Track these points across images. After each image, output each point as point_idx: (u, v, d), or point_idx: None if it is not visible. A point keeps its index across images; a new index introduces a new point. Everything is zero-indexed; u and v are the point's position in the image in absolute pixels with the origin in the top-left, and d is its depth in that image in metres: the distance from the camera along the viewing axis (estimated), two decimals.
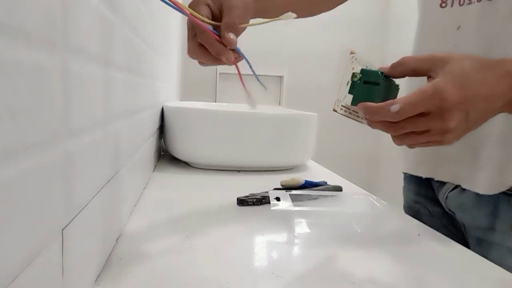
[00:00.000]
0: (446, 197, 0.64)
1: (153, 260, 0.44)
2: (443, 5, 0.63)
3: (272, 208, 0.54)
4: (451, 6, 0.62)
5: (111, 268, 0.41)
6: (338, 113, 0.51)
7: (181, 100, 2.10)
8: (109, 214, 0.44)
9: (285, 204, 0.60)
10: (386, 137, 0.48)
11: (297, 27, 2.97)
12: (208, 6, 0.51)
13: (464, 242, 0.61)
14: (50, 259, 0.26)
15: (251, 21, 0.54)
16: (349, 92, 0.47)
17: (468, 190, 0.60)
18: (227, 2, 0.51)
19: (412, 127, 0.44)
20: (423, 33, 0.68)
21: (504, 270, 0.46)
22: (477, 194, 0.58)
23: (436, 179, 0.65)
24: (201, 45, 0.49)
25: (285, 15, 0.50)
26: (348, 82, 0.47)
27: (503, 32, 0.54)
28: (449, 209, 0.63)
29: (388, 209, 0.57)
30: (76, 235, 0.32)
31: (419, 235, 0.57)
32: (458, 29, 0.61)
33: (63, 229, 0.28)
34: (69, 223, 0.30)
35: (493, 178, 0.56)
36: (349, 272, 0.43)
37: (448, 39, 0.62)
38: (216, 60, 0.50)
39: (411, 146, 0.47)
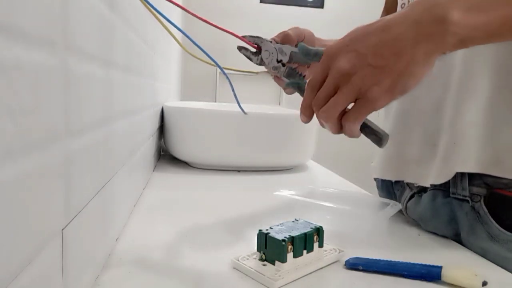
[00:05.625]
0: (406, 207, 0.63)
1: (153, 260, 0.44)
2: (403, 6, 0.64)
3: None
4: (408, 3, 0.62)
5: (111, 268, 0.41)
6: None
7: (181, 100, 2.10)
8: (109, 214, 0.44)
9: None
10: None
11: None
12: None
13: None
14: (50, 259, 0.26)
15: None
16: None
17: (423, 200, 0.59)
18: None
19: (321, 92, 0.42)
20: None
21: (504, 270, 0.46)
22: (432, 203, 0.57)
23: (405, 180, 0.64)
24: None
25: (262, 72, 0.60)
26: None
27: None
28: (413, 219, 0.62)
29: (388, 209, 0.57)
30: (76, 235, 0.32)
31: (419, 235, 0.57)
32: None
33: (63, 229, 0.28)
34: (69, 223, 0.30)
35: (440, 167, 0.54)
36: (348, 271, 0.43)
37: None
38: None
39: (334, 115, 0.42)
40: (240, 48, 0.57)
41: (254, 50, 0.55)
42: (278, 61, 0.53)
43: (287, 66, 0.52)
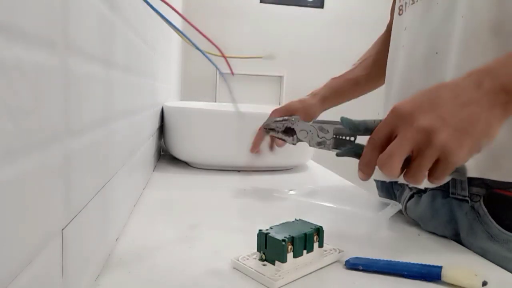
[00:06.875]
0: (406, 208, 0.63)
1: (153, 260, 0.44)
2: (400, 12, 0.65)
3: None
4: (405, 10, 0.64)
5: (111, 268, 0.41)
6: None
7: (181, 100, 2.10)
8: (109, 214, 0.44)
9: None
10: None
11: (297, 27, 2.97)
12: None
13: None
14: (50, 259, 0.26)
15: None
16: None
17: (423, 200, 0.59)
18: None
19: (395, 149, 0.42)
20: (391, 41, 0.69)
21: (504, 270, 0.46)
22: (431, 203, 0.57)
23: (399, 182, 0.64)
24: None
25: (267, 55, 0.60)
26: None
27: (443, 26, 0.54)
28: (413, 219, 0.62)
29: (388, 209, 0.57)
30: (76, 235, 0.32)
31: (419, 235, 0.57)
32: (405, 29, 0.62)
33: (63, 229, 0.28)
34: (69, 223, 0.30)
35: None
36: (348, 271, 0.43)
37: (397, 41, 0.64)
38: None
39: (421, 177, 0.43)
40: (268, 131, 0.58)
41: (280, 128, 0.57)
42: (320, 137, 0.52)
43: (331, 138, 0.51)
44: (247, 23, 2.88)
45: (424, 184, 0.54)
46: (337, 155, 0.49)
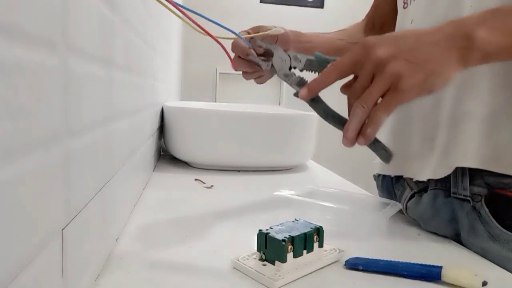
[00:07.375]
0: (406, 207, 0.63)
1: (153, 260, 0.44)
2: (405, 6, 0.66)
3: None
4: (410, 4, 0.64)
5: (111, 268, 0.41)
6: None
7: (181, 100, 2.10)
8: (109, 214, 0.44)
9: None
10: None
11: (297, 27, 2.97)
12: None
13: None
14: (50, 259, 0.26)
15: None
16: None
17: (424, 199, 0.59)
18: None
19: (359, 82, 0.44)
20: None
21: (504, 270, 0.46)
22: (432, 203, 0.57)
23: (404, 175, 0.64)
24: (240, 58, 0.59)
25: (274, 29, 0.59)
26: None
27: (450, 17, 0.55)
28: (413, 219, 0.62)
29: (388, 209, 0.57)
30: (76, 235, 0.32)
31: (419, 235, 0.57)
32: (411, 22, 0.63)
33: (63, 229, 0.28)
34: (69, 223, 0.30)
35: (439, 162, 0.55)
36: (348, 271, 0.43)
37: None
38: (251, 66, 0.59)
39: (368, 106, 0.43)
40: (247, 54, 0.56)
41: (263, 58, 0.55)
42: (290, 69, 0.52)
43: (298, 76, 0.51)
44: (247, 23, 2.87)
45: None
46: (295, 94, 0.51)
